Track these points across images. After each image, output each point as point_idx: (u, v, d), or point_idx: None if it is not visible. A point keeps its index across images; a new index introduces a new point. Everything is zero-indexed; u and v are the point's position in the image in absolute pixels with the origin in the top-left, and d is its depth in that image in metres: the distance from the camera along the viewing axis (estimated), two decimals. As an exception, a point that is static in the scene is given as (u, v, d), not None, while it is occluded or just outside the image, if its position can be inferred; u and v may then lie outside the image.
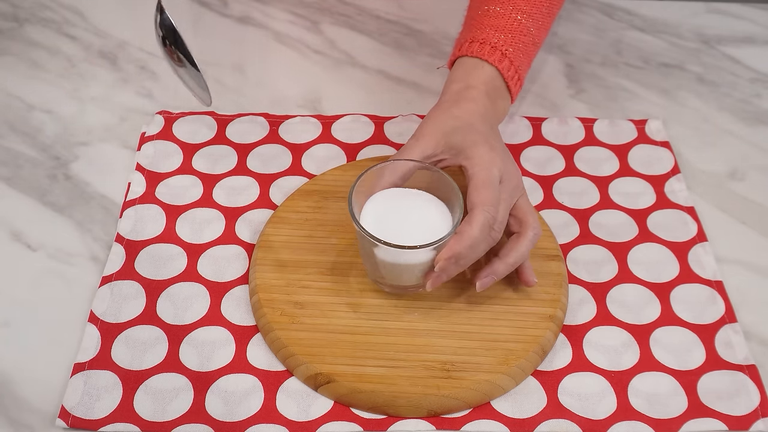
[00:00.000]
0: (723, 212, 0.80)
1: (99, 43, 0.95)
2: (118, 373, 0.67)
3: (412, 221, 0.67)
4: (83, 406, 0.65)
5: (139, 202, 0.78)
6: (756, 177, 0.83)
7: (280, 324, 0.68)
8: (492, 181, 0.66)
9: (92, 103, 0.89)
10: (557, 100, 0.90)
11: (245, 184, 0.80)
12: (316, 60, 0.94)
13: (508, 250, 0.68)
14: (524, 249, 0.68)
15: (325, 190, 0.78)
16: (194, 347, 0.68)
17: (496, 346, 0.67)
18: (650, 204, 0.79)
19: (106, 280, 0.72)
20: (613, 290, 0.73)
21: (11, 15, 0.98)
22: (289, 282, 0.71)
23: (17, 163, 0.82)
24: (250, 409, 0.65)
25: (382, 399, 0.64)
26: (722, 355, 0.68)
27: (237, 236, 0.76)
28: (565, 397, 0.66)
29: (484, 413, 0.65)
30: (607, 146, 0.85)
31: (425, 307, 0.69)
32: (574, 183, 0.81)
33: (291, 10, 0.99)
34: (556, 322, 0.69)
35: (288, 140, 0.84)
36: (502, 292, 0.70)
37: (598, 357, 0.68)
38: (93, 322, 0.69)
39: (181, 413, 0.64)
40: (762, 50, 0.97)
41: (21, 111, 0.88)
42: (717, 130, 0.88)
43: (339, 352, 0.66)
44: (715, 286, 0.73)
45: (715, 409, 0.65)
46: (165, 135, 0.84)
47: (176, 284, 0.72)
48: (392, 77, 0.92)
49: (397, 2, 1.01)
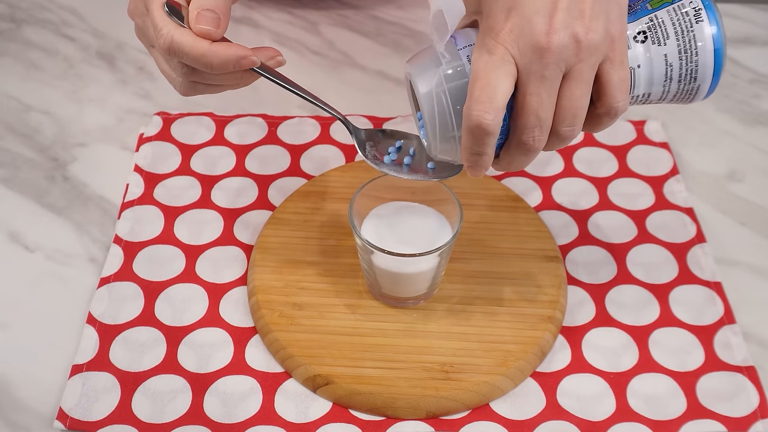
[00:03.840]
0: (722, 213, 0.80)
1: (97, 44, 0.95)
2: (116, 374, 0.66)
3: (412, 232, 0.68)
4: (81, 407, 0.64)
5: (138, 204, 0.78)
6: (755, 178, 0.83)
7: (279, 325, 0.68)
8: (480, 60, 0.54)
9: (90, 104, 0.89)
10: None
11: (244, 185, 0.80)
12: (315, 61, 0.94)
13: None
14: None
15: (324, 192, 0.78)
16: (192, 349, 0.68)
17: (494, 347, 0.67)
18: (649, 205, 0.79)
19: (104, 282, 0.72)
20: (612, 291, 0.73)
21: (9, 16, 0.98)
22: (287, 283, 0.71)
23: (15, 165, 0.82)
24: (248, 411, 0.65)
25: (380, 400, 0.64)
26: (721, 357, 0.68)
27: (235, 237, 0.76)
28: (564, 399, 0.66)
29: (483, 415, 0.65)
30: (606, 147, 0.84)
31: (424, 309, 0.69)
32: (573, 184, 0.81)
33: (289, 10, 0.99)
34: (555, 323, 0.69)
35: (287, 141, 0.84)
36: (501, 294, 0.70)
37: (597, 358, 0.68)
38: (91, 323, 0.69)
39: (179, 415, 0.64)
40: (761, 51, 0.97)
41: (19, 112, 0.88)
42: (716, 131, 0.88)
43: (338, 353, 0.66)
44: (714, 287, 0.73)
45: (714, 411, 0.65)
46: (163, 136, 0.84)
47: (174, 285, 0.72)
48: (391, 78, 0.92)
49: (396, 3, 1.01)
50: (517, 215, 0.76)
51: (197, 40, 0.57)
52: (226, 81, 0.61)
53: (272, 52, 0.61)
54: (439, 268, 0.67)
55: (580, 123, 0.55)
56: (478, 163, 0.56)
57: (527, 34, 0.53)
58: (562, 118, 0.55)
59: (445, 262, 0.68)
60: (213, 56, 0.57)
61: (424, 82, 0.56)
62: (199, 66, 0.58)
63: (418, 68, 0.57)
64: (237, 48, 0.58)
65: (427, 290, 0.69)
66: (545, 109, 0.54)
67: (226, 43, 0.58)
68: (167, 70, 0.62)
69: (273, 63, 0.61)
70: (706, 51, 0.56)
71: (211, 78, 0.60)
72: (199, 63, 0.58)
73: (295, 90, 0.62)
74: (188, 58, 0.58)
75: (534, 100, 0.54)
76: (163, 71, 0.62)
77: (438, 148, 0.58)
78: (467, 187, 0.78)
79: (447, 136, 0.57)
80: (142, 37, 0.64)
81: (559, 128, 0.55)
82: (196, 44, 0.57)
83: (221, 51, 0.57)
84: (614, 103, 0.55)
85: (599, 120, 0.57)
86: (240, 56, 0.58)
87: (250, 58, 0.58)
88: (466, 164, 0.57)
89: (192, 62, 0.58)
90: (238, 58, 0.57)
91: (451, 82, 0.56)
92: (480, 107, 0.53)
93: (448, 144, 0.57)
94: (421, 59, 0.57)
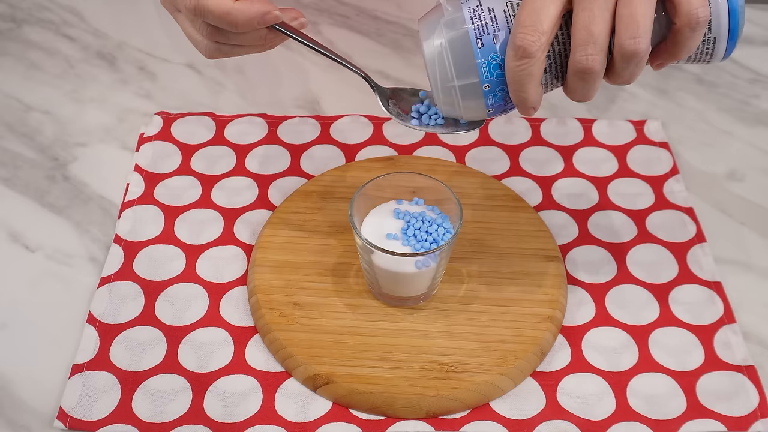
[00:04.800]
0: (722, 213, 0.80)
1: (97, 44, 0.95)
2: (116, 374, 0.66)
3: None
4: (81, 407, 0.64)
5: (138, 203, 0.78)
6: (755, 178, 0.83)
7: (279, 325, 0.68)
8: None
9: (91, 103, 0.89)
10: (556, 101, 0.90)
11: (244, 184, 0.80)
12: (315, 60, 0.94)
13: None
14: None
15: (324, 191, 0.78)
16: (193, 348, 0.68)
17: (494, 347, 0.67)
18: (649, 205, 0.79)
19: (104, 281, 0.72)
20: (612, 291, 0.73)
21: (9, 16, 0.98)
22: (287, 283, 0.71)
23: (15, 164, 0.82)
24: (248, 410, 0.65)
25: (380, 400, 0.64)
26: (721, 356, 0.68)
27: (236, 237, 0.76)
28: (563, 398, 0.66)
29: (483, 414, 0.65)
30: (605, 147, 0.84)
31: (424, 309, 0.69)
32: (573, 184, 0.81)
33: (290, 10, 0.99)
34: (555, 323, 0.69)
35: (287, 141, 0.84)
36: (501, 293, 0.70)
37: (597, 358, 0.68)
38: (91, 323, 0.69)
39: (179, 414, 0.64)
40: (761, 51, 0.97)
41: (19, 112, 0.88)
42: (716, 131, 0.88)
43: (338, 353, 0.66)
44: (714, 286, 0.73)
45: (714, 410, 0.65)
46: (163, 136, 0.84)
47: (175, 285, 0.72)
48: (391, 78, 0.92)
49: (396, 3, 1.01)
50: (517, 215, 0.76)
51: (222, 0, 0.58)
52: (251, 41, 0.62)
53: (295, 14, 0.62)
54: (439, 268, 0.68)
55: (645, 34, 0.51)
56: (525, 87, 0.54)
57: None
58: (623, 29, 0.51)
59: (444, 262, 0.68)
60: (238, 13, 0.58)
61: (424, 34, 0.58)
62: (224, 25, 0.59)
63: (423, 23, 0.58)
64: (261, 4, 0.59)
65: (427, 290, 0.69)
66: (597, 24, 0.51)
67: (249, 0, 0.59)
68: (193, 33, 0.63)
69: (297, 24, 0.62)
70: (719, 2, 0.54)
71: (236, 38, 0.61)
72: (224, 21, 0.59)
73: (318, 48, 0.62)
74: (213, 16, 0.59)
75: (585, 15, 0.52)
76: (189, 35, 0.63)
77: (441, 99, 0.58)
78: (467, 187, 0.78)
79: (447, 86, 0.57)
80: (167, 2, 0.65)
81: (623, 41, 0.52)
82: (221, 2, 0.58)
83: (246, 8, 0.58)
84: (692, 9, 0.51)
85: (681, 36, 0.53)
86: (264, 12, 0.58)
87: (273, 13, 0.59)
88: (515, 95, 0.55)
89: (217, 21, 0.59)
90: (262, 14, 0.58)
91: (450, 31, 0.56)
92: (523, 30, 0.52)
93: (449, 96, 0.58)
94: (427, 15, 0.59)
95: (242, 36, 0.61)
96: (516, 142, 0.85)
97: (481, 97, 0.57)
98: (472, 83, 0.56)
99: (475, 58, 0.56)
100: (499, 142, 0.84)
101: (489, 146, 0.84)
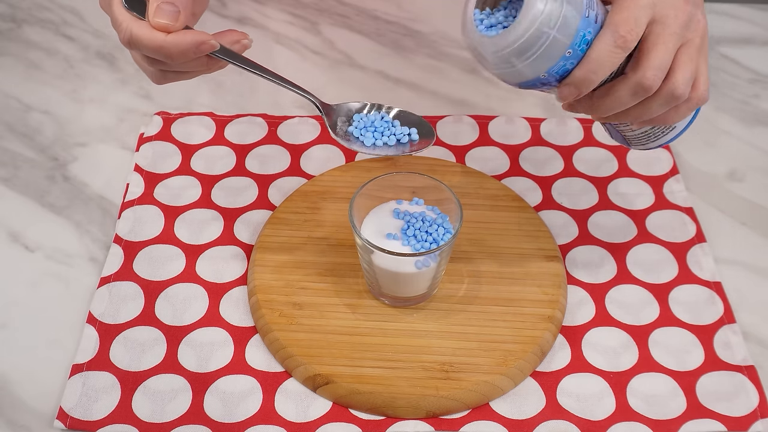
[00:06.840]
0: (722, 213, 0.80)
1: (97, 44, 0.95)
2: (116, 374, 0.66)
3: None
4: (81, 407, 0.64)
5: (138, 203, 0.78)
6: (755, 177, 0.83)
7: (279, 325, 0.68)
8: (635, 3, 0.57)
9: (90, 104, 0.89)
10: (556, 101, 0.89)
11: (244, 184, 0.80)
12: (315, 61, 0.94)
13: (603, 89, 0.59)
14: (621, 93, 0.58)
15: (323, 191, 0.78)
16: (193, 348, 0.68)
17: (494, 347, 0.67)
18: (649, 205, 0.79)
19: (104, 281, 0.72)
20: (611, 291, 0.73)
21: (9, 16, 0.98)
22: (287, 283, 0.71)
23: (15, 164, 0.82)
24: (248, 410, 0.65)
25: (380, 400, 0.64)
26: (721, 356, 0.68)
27: (236, 237, 0.76)
28: (563, 398, 0.66)
29: (483, 414, 0.65)
30: (605, 147, 0.84)
31: (424, 309, 0.69)
32: (572, 183, 0.81)
33: (289, 10, 0.99)
34: (555, 322, 0.69)
35: (287, 141, 0.84)
36: (501, 293, 0.70)
37: (597, 358, 0.68)
38: (91, 323, 0.69)
39: (179, 414, 0.64)
40: (761, 51, 0.97)
41: (19, 112, 0.88)
42: (716, 131, 0.88)
43: (338, 353, 0.66)
44: (714, 286, 0.73)
45: (714, 410, 0.65)
46: (163, 136, 0.84)
47: (175, 285, 0.72)
48: (391, 78, 0.92)
49: (396, 3, 1.01)
50: (517, 215, 0.76)
51: (154, 32, 0.57)
52: (194, 67, 0.61)
53: (237, 36, 0.60)
54: (439, 268, 0.68)
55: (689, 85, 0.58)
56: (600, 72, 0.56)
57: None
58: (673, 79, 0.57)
59: (445, 262, 0.68)
60: (171, 46, 0.57)
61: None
62: (159, 57, 0.58)
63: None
64: (195, 34, 0.57)
65: (427, 290, 0.69)
66: (667, 60, 0.56)
67: (183, 31, 0.57)
68: (139, 60, 0.62)
69: (238, 47, 0.60)
70: None
71: (177, 66, 0.60)
72: (158, 54, 0.57)
73: (260, 73, 0.61)
74: (147, 50, 0.57)
75: (661, 48, 0.56)
76: (137, 62, 0.62)
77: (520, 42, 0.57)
78: (467, 187, 0.78)
79: (542, 30, 0.55)
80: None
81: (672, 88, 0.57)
82: (153, 36, 0.57)
83: (178, 40, 0.57)
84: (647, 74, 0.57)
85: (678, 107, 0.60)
86: (198, 42, 0.57)
87: (209, 43, 0.58)
88: (586, 74, 0.56)
89: (152, 54, 0.58)
90: (197, 44, 0.57)
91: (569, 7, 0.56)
92: (626, 23, 0.55)
93: (534, 42, 0.56)
94: None
95: (183, 63, 0.60)
96: (516, 142, 0.85)
97: (554, 60, 0.57)
98: (563, 42, 0.56)
99: (577, 23, 0.56)
100: (499, 142, 0.84)
101: (489, 146, 0.84)
